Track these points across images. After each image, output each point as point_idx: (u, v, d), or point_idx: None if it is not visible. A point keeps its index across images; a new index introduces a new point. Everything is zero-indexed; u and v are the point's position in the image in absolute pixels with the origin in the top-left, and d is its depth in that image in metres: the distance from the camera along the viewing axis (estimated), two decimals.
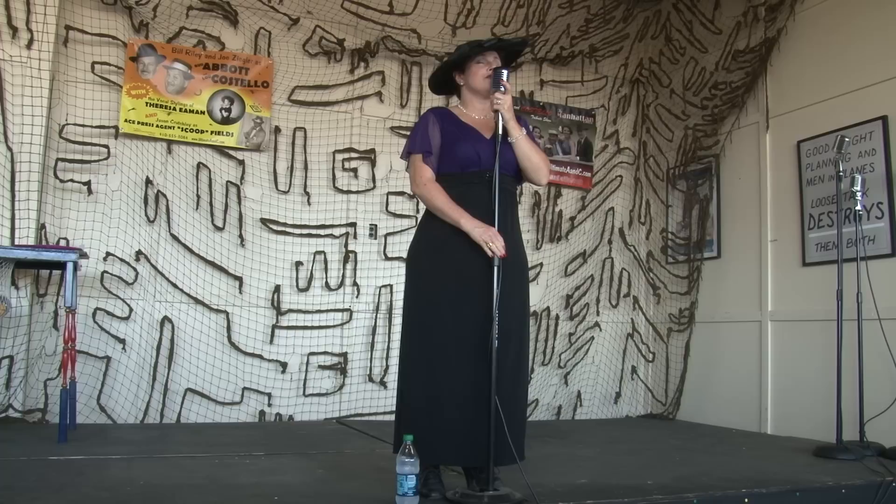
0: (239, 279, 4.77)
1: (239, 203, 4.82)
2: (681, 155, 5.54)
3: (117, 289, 4.51)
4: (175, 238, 4.66)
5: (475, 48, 2.67)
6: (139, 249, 4.57)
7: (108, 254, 4.48)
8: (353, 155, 5.11)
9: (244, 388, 4.70)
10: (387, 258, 5.10)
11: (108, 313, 4.47)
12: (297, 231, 4.93)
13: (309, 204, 4.99)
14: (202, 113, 4.74)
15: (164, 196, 4.66)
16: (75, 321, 3.83)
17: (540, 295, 5.45)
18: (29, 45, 4.26)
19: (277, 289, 4.84)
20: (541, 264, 5.51)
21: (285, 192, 4.94)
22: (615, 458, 3.57)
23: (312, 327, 4.90)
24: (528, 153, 2.63)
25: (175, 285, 4.63)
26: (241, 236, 4.81)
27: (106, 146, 4.52)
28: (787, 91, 4.80)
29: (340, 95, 5.10)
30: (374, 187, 5.13)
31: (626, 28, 5.75)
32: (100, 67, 4.53)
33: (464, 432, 2.45)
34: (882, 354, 3.79)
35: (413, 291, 2.65)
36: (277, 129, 4.95)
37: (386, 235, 5.12)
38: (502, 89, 2.53)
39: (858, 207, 3.81)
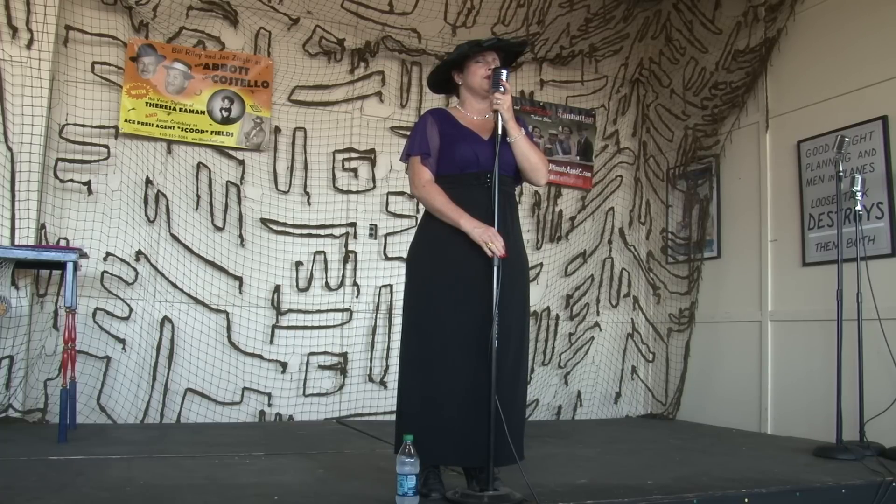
0: (239, 279, 4.77)
1: (239, 203, 4.82)
2: (681, 155, 5.54)
3: (117, 289, 4.51)
4: (175, 238, 4.66)
5: (474, 47, 2.67)
6: (139, 249, 4.57)
7: (108, 254, 4.49)
8: (353, 155, 5.11)
9: (244, 388, 4.70)
10: (387, 258, 5.10)
11: (108, 313, 4.47)
12: (297, 231, 4.93)
13: (309, 204, 4.99)
14: (202, 113, 4.74)
15: (164, 196, 4.66)
16: (75, 321, 3.83)
17: (540, 295, 5.45)
18: (29, 45, 4.26)
19: (277, 289, 4.84)
20: (541, 264, 5.51)
21: (285, 192, 4.94)
22: (615, 458, 3.57)
23: (312, 327, 4.90)
24: (527, 153, 2.63)
25: (175, 285, 4.63)
26: (241, 236, 4.81)
27: (106, 146, 4.53)
28: (787, 91, 4.80)
29: (340, 95, 5.11)
30: (374, 187, 5.13)
31: (626, 28, 5.75)
32: (100, 67, 4.53)
33: (463, 432, 2.46)
34: (882, 354, 3.79)
35: (413, 292, 2.65)
36: (277, 129, 4.95)
37: (386, 235, 5.12)
38: (502, 89, 2.53)
39: (858, 207, 3.81)
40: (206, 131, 4.74)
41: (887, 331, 3.74)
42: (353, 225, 5.06)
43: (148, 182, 4.62)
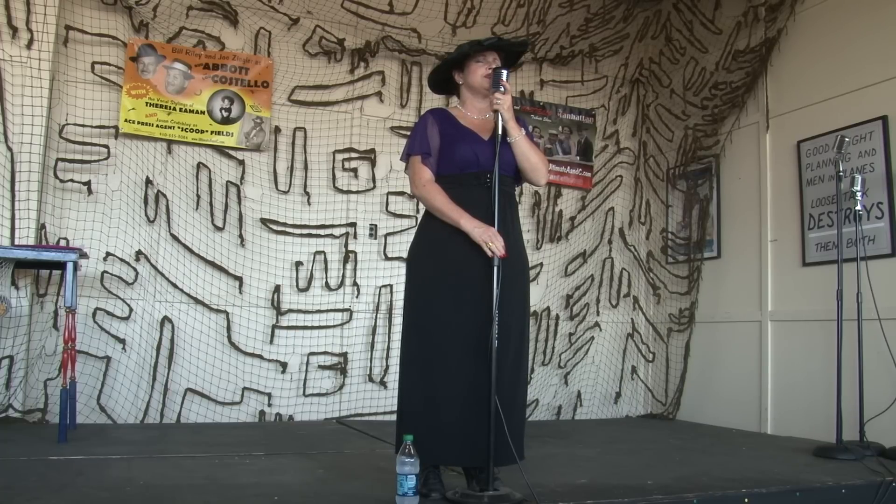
0: (239, 279, 4.77)
1: (239, 203, 4.82)
2: (681, 155, 5.54)
3: (117, 289, 4.51)
4: (175, 238, 4.66)
5: (475, 46, 2.68)
6: (139, 249, 4.57)
7: (108, 254, 4.49)
8: (353, 155, 5.11)
9: (244, 388, 4.70)
10: (387, 258, 5.10)
11: (108, 313, 4.47)
12: (297, 231, 4.93)
13: (309, 204, 4.99)
14: (202, 113, 4.74)
15: (164, 196, 4.66)
16: (75, 321, 3.83)
17: (540, 295, 5.45)
18: (29, 45, 4.26)
19: (277, 289, 4.84)
20: (541, 264, 5.51)
21: (285, 192, 4.94)
22: (615, 458, 3.57)
23: (312, 327, 4.90)
24: (527, 153, 2.63)
25: (175, 285, 4.63)
26: (241, 236, 4.81)
27: (106, 146, 4.53)
28: (787, 91, 4.80)
29: (340, 95, 5.10)
30: (374, 187, 5.13)
31: (626, 28, 5.75)
32: (100, 67, 4.53)
33: (463, 432, 2.46)
34: (882, 354, 3.79)
35: (413, 292, 2.65)
36: (277, 129, 4.95)
37: (386, 235, 5.12)
38: (502, 89, 2.53)
39: (858, 207, 3.81)
40: (206, 131, 4.74)
41: (887, 331, 3.74)
42: (353, 225, 5.06)
43: (148, 182, 4.62)
